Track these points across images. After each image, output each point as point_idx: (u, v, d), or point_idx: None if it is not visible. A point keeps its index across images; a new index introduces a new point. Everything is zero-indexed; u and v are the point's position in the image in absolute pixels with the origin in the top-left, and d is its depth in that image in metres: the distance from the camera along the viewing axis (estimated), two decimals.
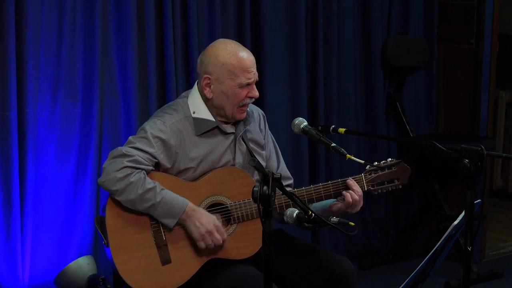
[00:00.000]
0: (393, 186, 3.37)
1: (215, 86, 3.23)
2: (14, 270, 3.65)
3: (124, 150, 3.12)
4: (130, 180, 3.08)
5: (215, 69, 3.21)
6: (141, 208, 3.11)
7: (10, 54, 3.55)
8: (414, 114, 5.28)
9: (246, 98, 3.25)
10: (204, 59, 3.26)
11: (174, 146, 3.20)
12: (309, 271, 3.28)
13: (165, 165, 3.20)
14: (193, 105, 3.27)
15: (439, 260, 3.08)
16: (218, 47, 3.25)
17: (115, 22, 3.91)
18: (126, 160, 3.09)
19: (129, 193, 3.08)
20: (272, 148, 3.49)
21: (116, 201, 3.13)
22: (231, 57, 3.20)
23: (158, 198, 3.10)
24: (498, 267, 5.04)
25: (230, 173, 3.26)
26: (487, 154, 2.86)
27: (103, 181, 3.11)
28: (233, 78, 3.20)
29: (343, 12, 4.81)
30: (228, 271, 3.18)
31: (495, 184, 6.49)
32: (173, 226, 3.14)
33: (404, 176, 3.38)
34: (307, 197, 3.26)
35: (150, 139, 3.15)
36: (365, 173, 3.33)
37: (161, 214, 3.12)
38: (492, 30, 5.14)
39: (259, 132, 3.43)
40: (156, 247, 3.15)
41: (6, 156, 3.59)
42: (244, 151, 3.34)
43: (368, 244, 5.14)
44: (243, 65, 3.21)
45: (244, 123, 3.34)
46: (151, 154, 3.15)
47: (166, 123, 3.20)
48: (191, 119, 3.25)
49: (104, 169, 3.12)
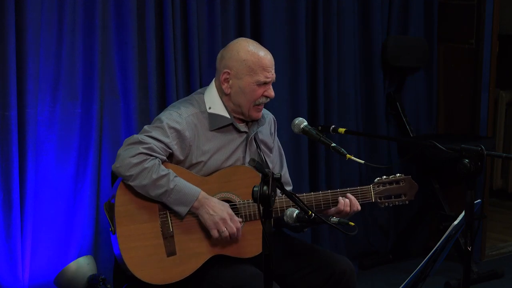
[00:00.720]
0: (400, 201, 3.39)
1: (234, 81, 3.27)
2: (14, 270, 3.65)
3: (140, 137, 3.15)
4: (145, 166, 3.10)
5: (235, 64, 3.25)
6: (153, 194, 3.12)
7: (10, 54, 3.55)
8: (414, 114, 5.28)
9: (262, 97, 3.29)
10: (225, 54, 3.30)
11: (188, 139, 3.22)
12: (309, 271, 3.29)
13: (178, 157, 3.22)
14: (210, 101, 3.31)
15: (439, 260, 3.08)
16: (240, 44, 3.30)
17: (115, 22, 3.91)
18: (142, 147, 3.12)
19: (142, 179, 3.10)
20: (277, 153, 3.52)
21: (127, 189, 3.14)
22: (252, 54, 3.25)
23: (171, 184, 3.11)
24: (498, 267, 5.04)
25: (240, 172, 3.28)
26: (487, 154, 2.87)
27: (117, 167, 3.13)
28: (252, 75, 3.24)
29: (343, 12, 4.81)
30: (230, 270, 3.18)
31: (495, 184, 6.50)
32: (185, 214, 3.15)
33: (411, 191, 3.40)
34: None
35: (166, 129, 3.18)
36: (374, 185, 3.35)
37: (174, 201, 3.13)
38: (492, 30, 5.15)
39: (269, 135, 3.48)
40: (163, 237, 3.16)
41: (6, 156, 3.59)
42: (254, 151, 3.37)
43: (368, 244, 5.14)
44: (263, 63, 3.26)
45: (258, 123, 3.36)
46: (166, 144, 3.17)
47: (182, 115, 3.23)
48: (207, 114, 3.29)
49: (119, 155, 3.14)
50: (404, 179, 3.39)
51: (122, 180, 3.15)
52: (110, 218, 3.17)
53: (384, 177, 3.37)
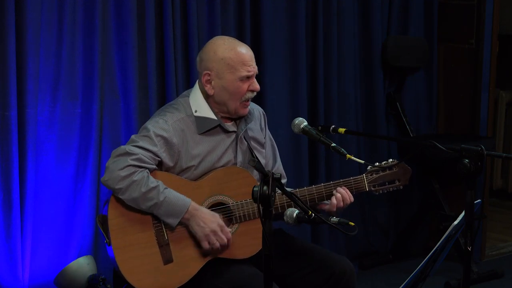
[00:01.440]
0: (394, 187, 3.38)
1: (216, 81, 3.25)
2: (14, 270, 3.65)
3: (127, 148, 3.13)
4: (134, 179, 3.09)
5: (214, 65, 3.23)
6: (144, 207, 3.12)
7: (10, 54, 3.55)
8: (414, 114, 5.28)
9: (248, 92, 3.26)
10: (203, 56, 3.28)
11: (176, 145, 3.20)
12: (309, 271, 3.28)
13: (167, 164, 3.20)
14: (195, 104, 3.29)
15: (439, 260, 3.08)
16: (216, 43, 3.28)
17: (115, 22, 3.91)
18: (130, 159, 3.10)
19: (132, 192, 3.09)
20: (269, 147, 3.50)
21: (118, 200, 3.13)
22: (229, 51, 3.23)
23: (161, 197, 3.10)
24: (498, 267, 5.04)
25: (232, 173, 3.26)
26: (487, 154, 2.86)
27: (106, 180, 3.12)
28: (233, 71, 3.22)
29: (343, 12, 4.81)
30: (229, 271, 3.18)
31: (495, 184, 6.49)
32: (176, 226, 3.14)
33: (405, 176, 3.38)
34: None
35: (153, 138, 3.16)
36: (366, 174, 3.34)
37: (164, 213, 3.12)
38: (492, 30, 5.14)
39: (259, 130, 3.44)
40: (158, 246, 3.15)
41: (6, 156, 3.59)
42: (245, 149, 3.35)
43: (368, 244, 5.14)
44: (242, 58, 3.23)
45: (245, 121, 3.35)
46: (154, 153, 3.16)
47: (168, 121, 3.21)
48: (193, 118, 3.26)
49: (108, 167, 3.13)
50: (396, 165, 3.36)
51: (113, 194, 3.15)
52: (104, 230, 3.16)
53: (377, 164, 3.35)
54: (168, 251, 3.16)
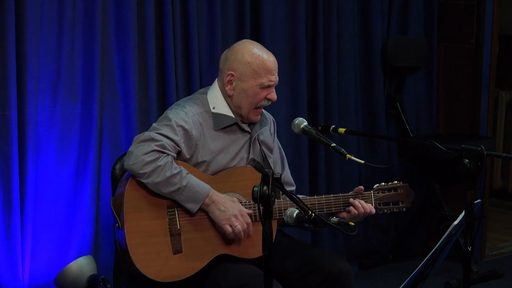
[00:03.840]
0: (397, 208, 3.42)
1: (237, 83, 3.27)
2: (14, 270, 3.65)
3: (151, 134, 3.16)
4: (158, 164, 3.10)
5: (239, 67, 3.26)
6: (165, 191, 3.13)
7: (10, 54, 3.55)
8: (414, 114, 5.28)
9: (264, 100, 3.30)
10: (229, 56, 3.30)
11: (195, 137, 3.23)
12: (306, 272, 3.29)
13: (184, 155, 3.23)
14: (213, 101, 3.31)
15: (439, 260, 3.08)
16: (245, 46, 3.30)
17: (115, 22, 3.91)
18: (155, 144, 3.12)
19: (156, 176, 3.10)
20: (278, 154, 3.53)
21: (137, 184, 3.14)
22: (257, 57, 3.26)
23: (184, 182, 3.12)
24: (498, 267, 5.04)
25: (246, 172, 3.29)
26: (487, 154, 2.86)
27: (131, 164, 3.12)
28: (256, 77, 3.25)
29: (343, 12, 4.81)
30: (231, 269, 3.19)
31: (495, 184, 6.49)
32: (196, 212, 3.15)
33: (408, 199, 3.45)
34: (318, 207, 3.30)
35: (175, 127, 3.19)
36: (374, 191, 3.38)
37: (185, 199, 3.14)
38: (492, 30, 5.15)
39: (269, 135, 3.48)
40: (170, 235, 3.17)
41: (6, 156, 3.59)
42: (257, 151, 3.38)
43: (368, 244, 5.14)
44: (268, 66, 3.27)
45: (260, 124, 3.38)
46: (175, 142, 3.18)
47: (188, 114, 3.24)
48: (211, 114, 3.29)
49: (132, 152, 3.13)
50: (401, 187, 3.43)
51: (133, 176, 3.15)
52: (117, 213, 3.17)
53: (383, 183, 3.40)
54: (178, 241, 3.17)
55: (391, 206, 3.41)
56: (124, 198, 3.14)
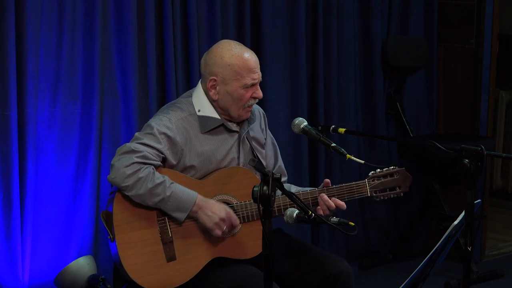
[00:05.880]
0: (395, 194, 3.38)
1: (221, 87, 3.25)
2: (14, 270, 3.65)
3: (132, 146, 3.14)
4: (139, 176, 3.10)
5: (220, 70, 3.23)
6: (151, 202, 3.12)
7: (10, 54, 3.54)
8: (414, 114, 5.28)
9: (251, 99, 3.27)
10: (208, 60, 3.28)
11: (179, 143, 3.21)
12: (306, 272, 3.29)
13: (171, 162, 3.21)
14: (198, 104, 3.29)
15: (439, 260, 3.08)
16: (223, 48, 3.26)
17: (115, 22, 3.90)
18: (135, 156, 3.11)
19: (138, 188, 3.10)
20: (270, 146, 3.51)
21: (124, 196, 3.14)
22: (236, 58, 3.22)
23: (168, 192, 3.11)
24: (498, 267, 5.04)
25: (236, 173, 3.27)
26: (487, 154, 2.86)
27: (113, 178, 3.13)
28: (239, 79, 3.22)
29: (343, 12, 4.81)
30: (229, 270, 3.18)
31: (495, 184, 6.49)
32: (183, 220, 3.15)
33: (406, 183, 3.40)
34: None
35: (157, 135, 3.17)
36: (368, 179, 3.34)
37: (171, 208, 3.13)
38: (492, 30, 5.15)
39: (260, 130, 3.45)
40: (162, 243, 3.16)
41: (6, 156, 3.59)
42: (247, 150, 3.36)
43: (368, 244, 5.14)
44: (249, 65, 3.23)
45: (248, 122, 3.35)
46: (159, 150, 3.17)
47: (172, 120, 3.22)
48: (196, 117, 3.27)
49: (113, 166, 3.13)
50: (398, 171, 3.38)
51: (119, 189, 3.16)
52: (108, 226, 3.17)
53: (378, 170, 3.36)
54: (171, 249, 3.16)
55: (387, 192, 3.36)
56: (113, 210, 3.14)
